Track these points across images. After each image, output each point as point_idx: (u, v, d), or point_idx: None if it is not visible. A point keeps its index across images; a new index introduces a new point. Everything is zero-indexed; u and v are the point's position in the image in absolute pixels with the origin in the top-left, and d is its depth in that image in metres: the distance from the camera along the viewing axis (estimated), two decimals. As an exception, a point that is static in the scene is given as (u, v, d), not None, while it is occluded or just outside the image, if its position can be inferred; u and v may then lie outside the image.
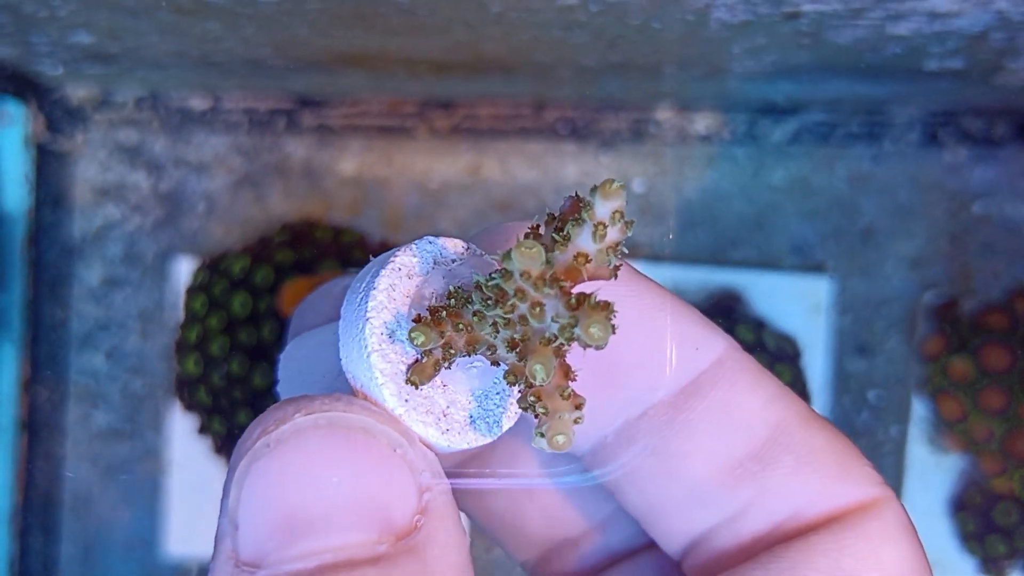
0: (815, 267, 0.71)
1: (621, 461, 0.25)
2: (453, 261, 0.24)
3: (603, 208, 0.21)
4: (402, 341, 0.23)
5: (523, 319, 0.21)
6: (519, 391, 0.22)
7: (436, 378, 0.23)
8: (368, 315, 0.22)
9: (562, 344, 0.21)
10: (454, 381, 0.23)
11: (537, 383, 0.21)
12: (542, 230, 0.23)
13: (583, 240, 0.21)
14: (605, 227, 0.21)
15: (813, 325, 0.70)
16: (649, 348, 0.25)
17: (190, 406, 0.68)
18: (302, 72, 0.67)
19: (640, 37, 0.55)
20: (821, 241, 0.71)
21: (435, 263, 0.24)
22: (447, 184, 0.73)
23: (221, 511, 0.21)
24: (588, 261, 0.21)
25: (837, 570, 0.22)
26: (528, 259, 0.21)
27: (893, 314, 0.71)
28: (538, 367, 0.21)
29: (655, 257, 0.71)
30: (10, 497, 0.71)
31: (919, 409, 0.69)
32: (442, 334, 0.22)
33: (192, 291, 0.69)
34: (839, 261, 0.71)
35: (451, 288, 0.23)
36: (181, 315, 0.69)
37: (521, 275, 0.21)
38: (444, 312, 0.22)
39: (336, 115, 0.73)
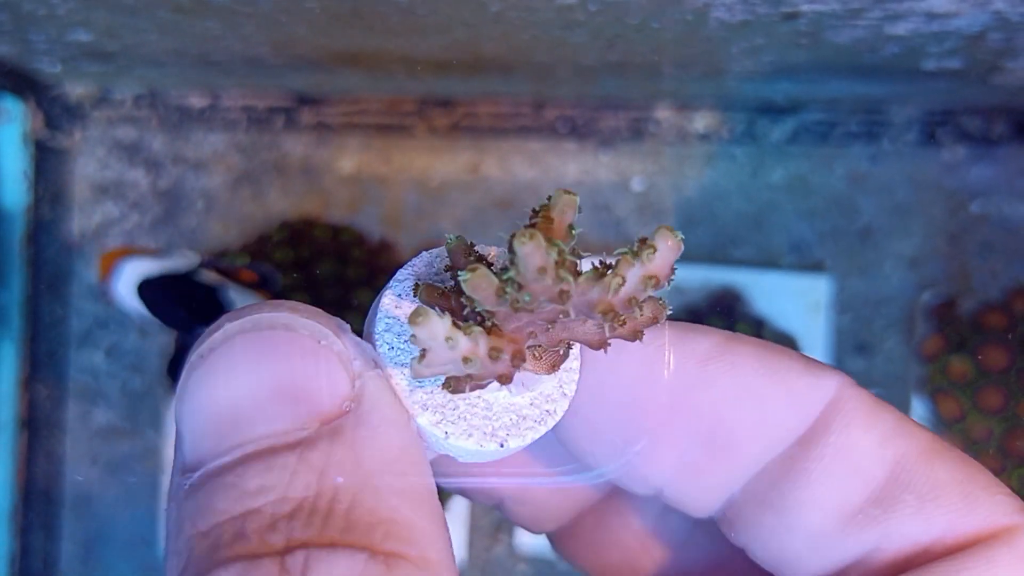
0: (814, 266, 0.71)
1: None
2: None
3: (666, 253, 0.20)
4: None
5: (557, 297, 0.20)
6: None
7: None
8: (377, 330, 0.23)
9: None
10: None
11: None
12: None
13: (630, 278, 0.20)
14: (656, 280, 0.20)
15: (812, 324, 0.70)
16: (752, 414, 0.24)
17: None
18: (301, 70, 0.67)
19: (639, 36, 0.55)
20: (820, 240, 0.71)
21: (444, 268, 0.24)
22: (447, 182, 0.73)
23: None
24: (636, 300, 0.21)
25: None
26: (533, 255, 0.19)
27: (892, 313, 0.71)
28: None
29: None
30: (10, 495, 0.71)
31: (918, 408, 0.69)
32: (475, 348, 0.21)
33: (191, 289, 0.69)
34: (838, 260, 0.71)
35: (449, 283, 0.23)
36: (180, 313, 0.69)
37: (539, 271, 0.20)
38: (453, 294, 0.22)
39: (335, 113, 0.73)
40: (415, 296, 0.23)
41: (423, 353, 0.20)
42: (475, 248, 0.22)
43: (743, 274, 0.70)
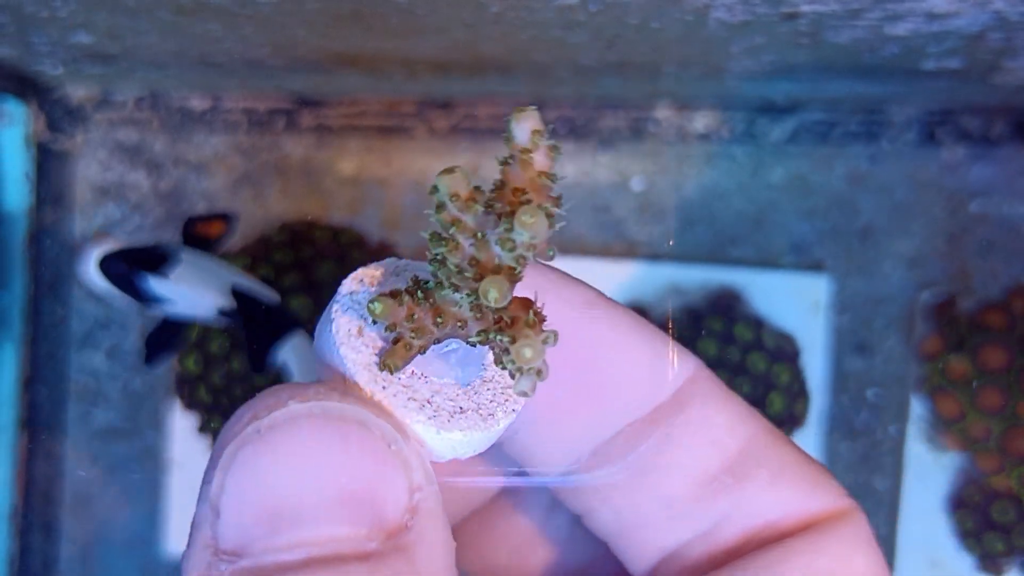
0: (814, 266, 0.71)
1: (607, 471, 0.25)
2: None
3: (521, 133, 0.22)
4: (372, 334, 0.23)
5: (472, 259, 0.21)
6: (488, 336, 0.22)
7: (415, 368, 0.23)
8: (332, 316, 0.23)
9: (514, 267, 0.21)
10: (435, 370, 0.23)
11: (491, 303, 0.20)
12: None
13: (514, 174, 0.21)
14: (529, 151, 0.21)
15: (812, 324, 0.70)
16: (624, 367, 0.25)
17: (190, 404, 0.68)
18: (301, 72, 0.67)
19: (639, 36, 0.55)
20: (819, 240, 0.71)
21: (396, 273, 0.25)
22: None
23: (200, 498, 0.21)
24: (524, 193, 0.21)
25: (812, 570, 0.23)
26: (453, 181, 0.21)
27: (891, 313, 0.71)
28: (491, 289, 0.20)
29: (654, 256, 0.71)
30: (10, 495, 0.71)
31: (917, 408, 0.69)
32: (401, 303, 0.22)
33: (192, 290, 0.69)
34: (837, 260, 0.71)
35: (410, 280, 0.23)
36: (181, 314, 0.69)
37: (451, 198, 0.21)
38: (402, 291, 0.22)
39: (335, 115, 0.73)
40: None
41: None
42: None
43: (742, 274, 0.70)
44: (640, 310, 0.69)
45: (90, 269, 0.56)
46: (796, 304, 0.70)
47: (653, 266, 0.70)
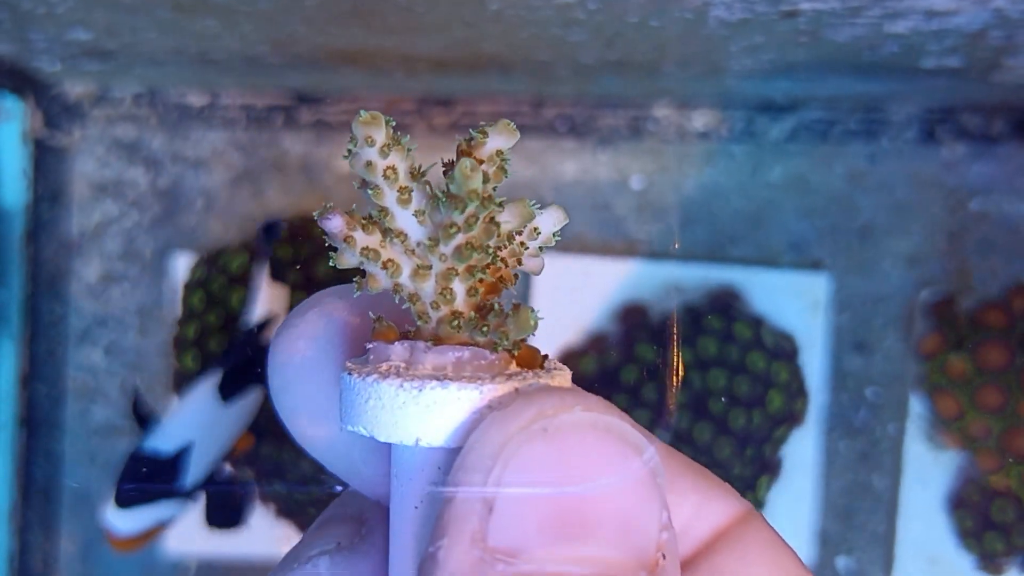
0: (813, 264, 0.71)
1: None
2: None
3: (493, 143, 0.24)
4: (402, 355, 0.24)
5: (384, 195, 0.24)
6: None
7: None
8: (361, 387, 0.23)
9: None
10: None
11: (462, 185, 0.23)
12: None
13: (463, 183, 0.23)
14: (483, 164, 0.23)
15: (811, 322, 0.70)
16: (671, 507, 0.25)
17: (188, 402, 0.68)
18: (300, 69, 0.67)
19: (638, 35, 0.55)
20: (819, 238, 0.71)
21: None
22: (444, 181, 0.72)
23: (455, 482, 0.20)
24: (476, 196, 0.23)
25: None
26: (367, 125, 0.23)
27: (891, 311, 0.71)
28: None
29: (654, 254, 0.71)
30: (9, 493, 0.71)
31: (917, 406, 0.69)
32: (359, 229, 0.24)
33: (190, 287, 0.69)
34: (837, 258, 0.71)
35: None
36: (179, 311, 0.69)
37: (366, 140, 0.23)
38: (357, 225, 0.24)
39: (334, 111, 0.73)
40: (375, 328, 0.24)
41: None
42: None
43: (742, 272, 0.70)
44: (640, 308, 0.69)
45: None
46: (795, 302, 0.70)
47: (653, 264, 0.70)
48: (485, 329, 0.23)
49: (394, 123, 0.24)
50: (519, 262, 0.25)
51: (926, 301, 0.70)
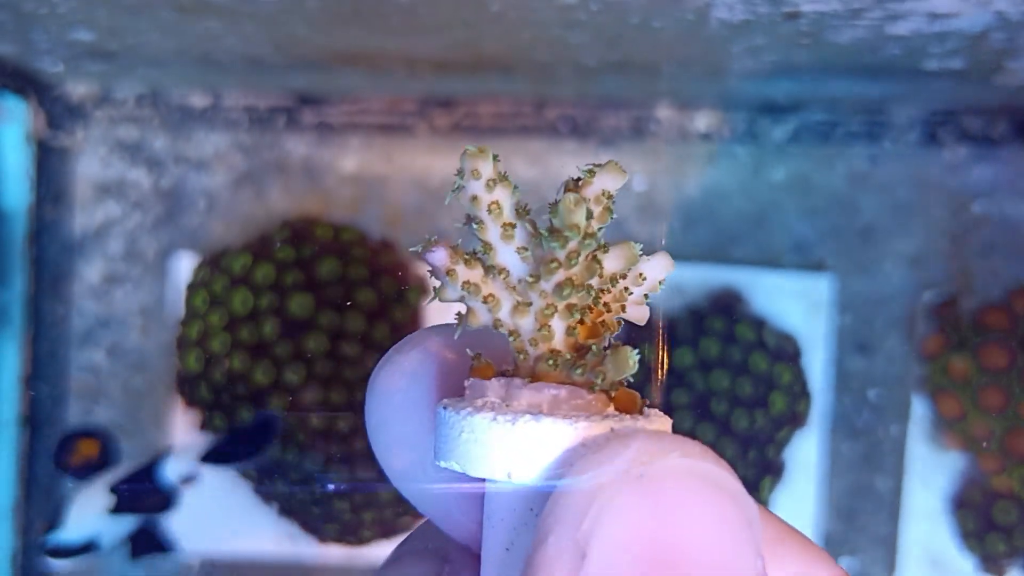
0: (815, 265, 0.71)
1: None
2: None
3: (600, 182, 0.24)
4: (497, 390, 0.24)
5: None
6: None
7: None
8: (455, 423, 0.24)
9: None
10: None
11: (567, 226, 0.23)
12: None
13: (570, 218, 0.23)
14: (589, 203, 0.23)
15: (813, 323, 0.70)
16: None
17: (191, 403, 0.68)
18: (302, 70, 0.67)
19: (640, 36, 0.55)
20: (821, 239, 0.71)
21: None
22: (447, 182, 0.71)
23: (547, 525, 0.20)
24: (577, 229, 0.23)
25: None
26: (474, 158, 0.23)
27: (893, 313, 0.71)
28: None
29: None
30: (12, 492, 0.71)
31: (919, 408, 0.69)
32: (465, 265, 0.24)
33: (193, 288, 0.69)
34: (839, 259, 0.71)
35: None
36: (182, 312, 0.69)
37: (472, 174, 0.24)
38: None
39: (336, 113, 0.73)
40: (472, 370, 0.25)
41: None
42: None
43: (744, 273, 0.70)
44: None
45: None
46: (797, 304, 0.70)
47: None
48: (582, 369, 0.23)
49: (499, 158, 0.24)
50: (623, 308, 0.25)
51: (928, 302, 0.70)
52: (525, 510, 0.23)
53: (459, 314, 0.25)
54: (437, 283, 0.24)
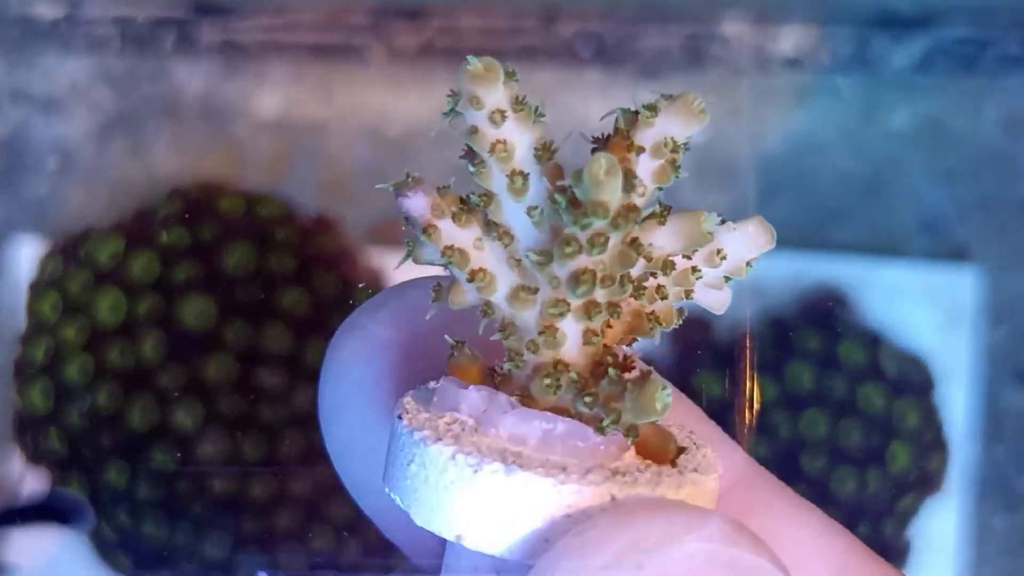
0: (955, 254, 0.71)
1: None
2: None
3: (665, 125, 0.25)
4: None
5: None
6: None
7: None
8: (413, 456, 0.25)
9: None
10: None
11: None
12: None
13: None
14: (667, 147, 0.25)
15: (952, 340, 0.71)
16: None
17: (35, 457, 0.68)
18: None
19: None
20: (962, 215, 0.72)
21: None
22: (414, 130, 0.73)
23: None
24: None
25: None
26: (476, 80, 0.25)
27: (1069, 323, 0.71)
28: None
29: None
30: None
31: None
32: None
33: (39, 288, 0.68)
34: (989, 245, 0.71)
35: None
36: (22, 323, 0.69)
37: (471, 102, 0.25)
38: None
39: (250, 28, 0.73)
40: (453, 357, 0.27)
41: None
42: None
43: (850, 266, 0.70)
44: (700, 321, 0.69)
45: None
46: (929, 311, 0.71)
47: None
48: (591, 399, 0.24)
49: (517, 77, 0.25)
50: (687, 295, 0.27)
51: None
52: (490, 573, 0.25)
53: (438, 285, 0.26)
54: (410, 239, 0.26)
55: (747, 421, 0.66)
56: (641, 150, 0.25)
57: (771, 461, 0.66)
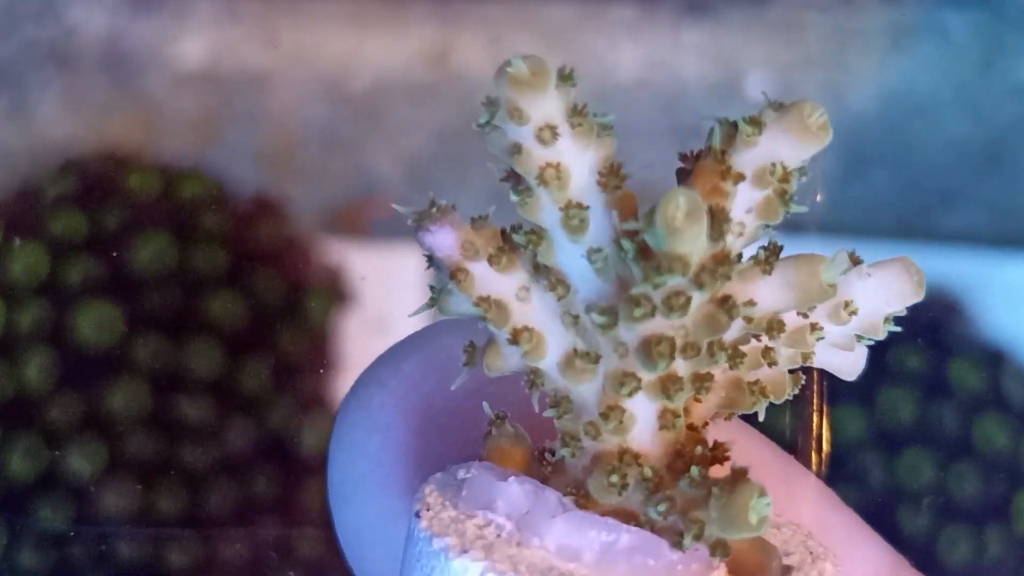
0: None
1: None
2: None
3: (771, 147, 0.25)
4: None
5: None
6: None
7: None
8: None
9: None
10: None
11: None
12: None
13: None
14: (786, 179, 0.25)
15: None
16: None
17: None
18: None
19: None
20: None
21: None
22: (386, 84, 0.73)
23: None
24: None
25: None
26: (519, 86, 0.25)
27: None
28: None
29: (789, 222, 0.71)
30: None
31: None
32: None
33: None
34: None
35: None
36: None
37: (512, 115, 0.25)
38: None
39: (168, -52, 0.73)
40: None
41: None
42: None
43: (963, 261, 0.71)
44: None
45: None
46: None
47: (787, 241, 0.70)
48: (667, 505, 0.24)
49: (574, 81, 0.25)
50: (805, 358, 0.27)
51: None
52: None
53: (471, 345, 0.27)
54: (436, 284, 0.26)
55: (813, 466, 0.65)
56: (740, 178, 0.25)
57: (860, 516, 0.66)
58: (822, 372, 0.68)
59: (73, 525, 0.65)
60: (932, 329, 0.69)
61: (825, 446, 0.66)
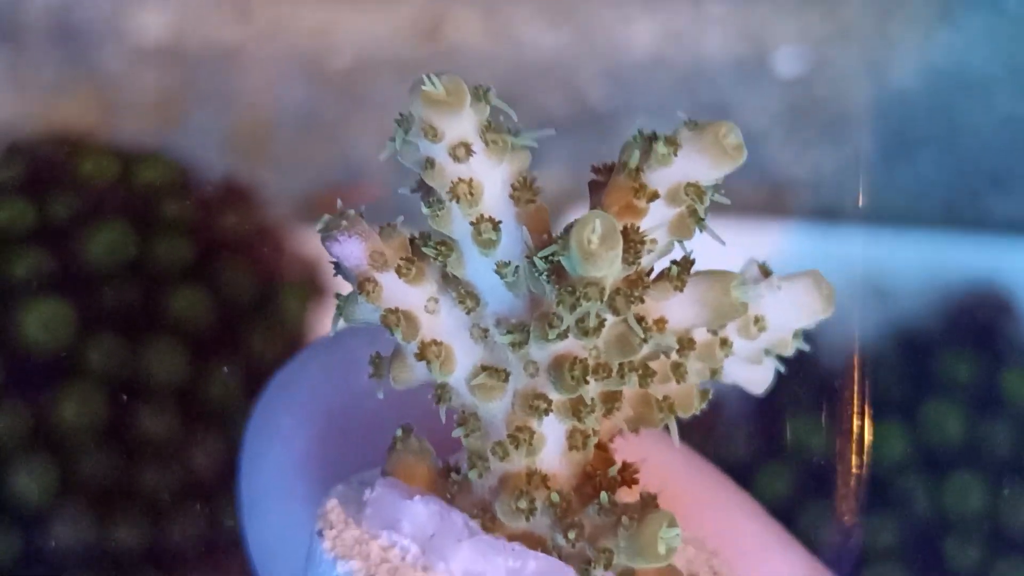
0: None
1: None
2: None
3: (685, 166, 0.28)
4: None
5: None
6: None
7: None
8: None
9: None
10: None
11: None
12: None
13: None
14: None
15: None
16: None
17: None
18: None
19: None
20: None
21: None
22: (371, 60, 0.74)
23: None
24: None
25: None
26: (432, 105, 0.28)
27: None
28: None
29: (825, 212, 0.71)
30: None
31: None
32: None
33: None
34: None
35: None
36: None
37: (425, 132, 0.28)
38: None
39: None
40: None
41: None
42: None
43: (1019, 251, 0.70)
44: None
45: None
46: None
47: (825, 232, 0.71)
48: (575, 532, 0.26)
49: (491, 98, 0.28)
50: (713, 374, 0.29)
51: None
52: None
53: (377, 356, 0.29)
54: (344, 293, 0.28)
55: (853, 489, 0.65)
56: (655, 196, 0.27)
57: (898, 549, 0.67)
58: (862, 388, 0.69)
59: (18, 555, 0.65)
60: (982, 333, 0.69)
61: (862, 468, 0.66)
